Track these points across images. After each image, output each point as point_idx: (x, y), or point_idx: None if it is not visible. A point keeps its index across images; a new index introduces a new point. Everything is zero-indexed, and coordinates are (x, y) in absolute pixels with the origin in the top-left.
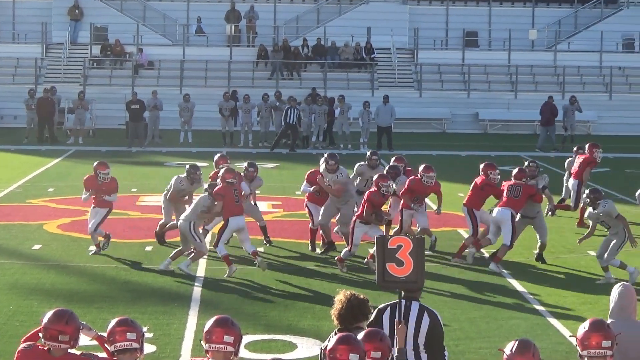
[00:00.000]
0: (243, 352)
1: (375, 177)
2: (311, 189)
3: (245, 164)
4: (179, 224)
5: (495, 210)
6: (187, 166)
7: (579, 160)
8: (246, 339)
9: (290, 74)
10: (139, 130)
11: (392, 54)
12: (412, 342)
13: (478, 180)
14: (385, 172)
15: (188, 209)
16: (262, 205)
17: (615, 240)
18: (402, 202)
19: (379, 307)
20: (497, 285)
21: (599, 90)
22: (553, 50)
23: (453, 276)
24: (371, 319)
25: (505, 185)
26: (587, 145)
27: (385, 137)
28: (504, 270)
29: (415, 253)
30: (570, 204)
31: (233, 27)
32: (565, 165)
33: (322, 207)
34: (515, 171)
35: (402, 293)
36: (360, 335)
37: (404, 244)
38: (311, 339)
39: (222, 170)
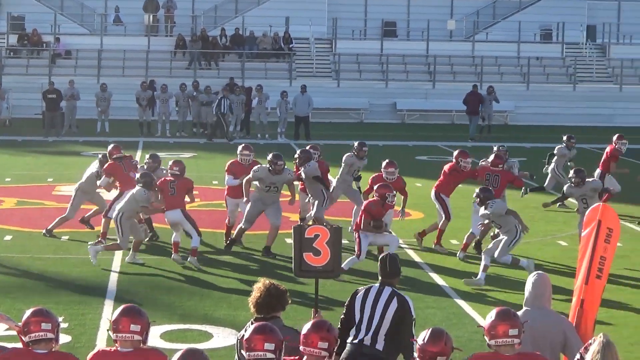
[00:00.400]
0: (159, 342)
1: (377, 187)
2: (236, 181)
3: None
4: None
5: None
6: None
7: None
8: (162, 328)
9: (208, 64)
10: (56, 119)
11: (311, 43)
12: (376, 325)
13: (447, 166)
14: (298, 159)
15: (123, 201)
16: None
17: (506, 238)
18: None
19: (356, 289)
20: (416, 276)
21: (517, 80)
22: (471, 41)
23: (367, 268)
24: (347, 301)
25: (479, 171)
26: (614, 137)
27: (302, 127)
28: (424, 262)
29: (332, 242)
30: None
31: (151, 16)
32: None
33: (250, 207)
34: (491, 158)
35: (380, 278)
36: (307, 325)
37: (321, 233)
38: (227, 328)
39: (109, 147)
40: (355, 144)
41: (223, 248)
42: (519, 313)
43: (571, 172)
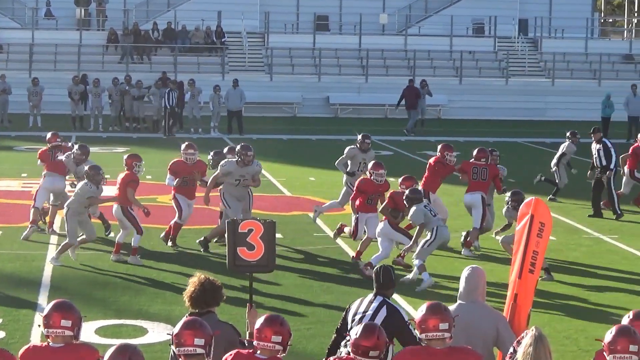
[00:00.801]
0: (93, 337)
1: (402, 179)
2: (175, 182)
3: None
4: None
5: (465, 196)
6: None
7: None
8: (96, 324)
9: (141, 58)
10: None
11: (243, 37)
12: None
13: (432, 160)
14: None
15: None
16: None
17: (425, 239)
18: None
19: (350, 303)
20: (352, 271)
21: (449, 74)
22: (404, 35)
23: (301, 266)
24: (342, 317)
25: (467, 166)
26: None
27: (235, 121)
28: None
29: (266, 237)
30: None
31: (83, 10)
32: (565, 150)
33: (230, 208)
34: (475, 152)
35: (374, 289)
36: (260, 320)
37: (254, 228)
38: (162, 323)
39: (48, 135)
40: (359, 136)
41: (171, 246)
42: (452, 307)
43: (508, 194)
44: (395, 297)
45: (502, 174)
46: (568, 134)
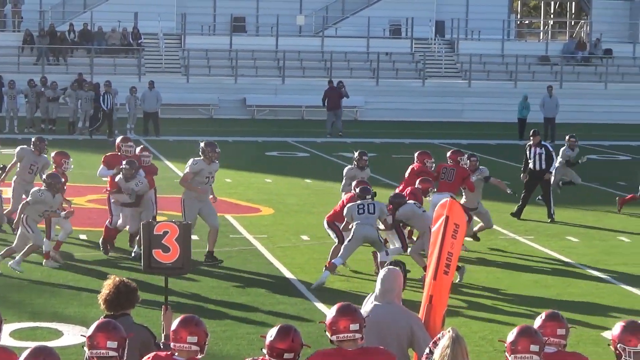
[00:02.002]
0: (8, 340)
1: (420, 181)
2: (111, 172)
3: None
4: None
5: (434, 196)
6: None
7: None
8: (11, 327)
9: (57, 60)
10: None
11: (160, 39)
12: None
13: (415, 167)
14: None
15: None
16: None
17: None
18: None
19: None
20: (268, 272)
21: (366, 75)
22: (320, 36)
23: (218, 268)
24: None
25: (439, 167)
26: None
27: (151, 123)
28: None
29: (182, 239)
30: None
31: None
32: (560, 155)
33: (187, 210)
34: (449, 153)
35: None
36: (176, 321)
37: (170, 230)
38: (77, 326)
39: None
40: (356, 153)
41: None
42: (367, 308)
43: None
44: (312, 299)
45: (482, 175)
46: (567, 137)
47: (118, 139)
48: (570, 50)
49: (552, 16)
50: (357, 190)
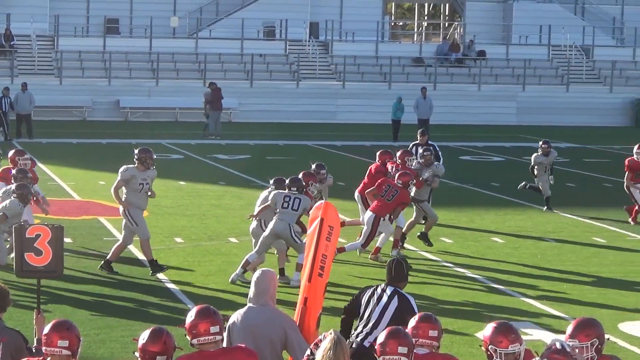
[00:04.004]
0: None
1: (399, 175)
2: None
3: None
4: None
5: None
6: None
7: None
8: None
9: None
10: None
11: (32, 41)
12: (374, 322)
13: (373, 167)
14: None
15: None
16: None
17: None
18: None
19: (362, 289)
20: (142, 275)
21: (240, 77)
22: (194, 38)
23: (91, 270)
24: (352, 298)
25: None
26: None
27: (24, 125)
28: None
29: (54, 242)
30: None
31: None
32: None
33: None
34: (399, 153)
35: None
36: (48, 325)
37: (42, 233)
38: None
39: None
40: (313, 166)
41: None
42: (242, 311)
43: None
44: (186, 301)
45: (438, 172)
46: (540, 143)
47: (11, 152)
48: (444, 51)
49: (425, 18)
50: (287, 180)
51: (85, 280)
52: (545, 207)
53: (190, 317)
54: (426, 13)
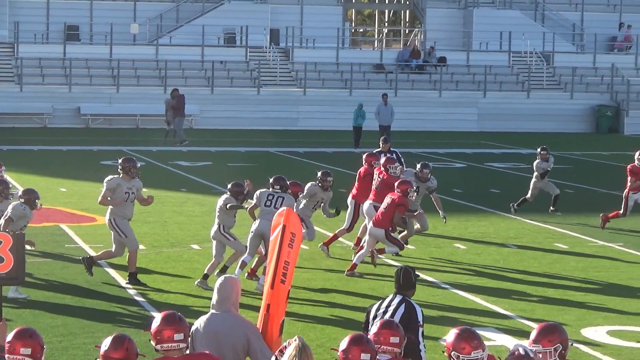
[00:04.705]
0: None
1: (398, 183)
2: None
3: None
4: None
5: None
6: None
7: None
8: None
9: None
10: None
11: None
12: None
13: (362, 170)
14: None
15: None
16: None
17: None
18: None
19: (373, 303)
20: (104, 281)
21: (201, 84)
22: (155, 45)
23: (53, 277)
24: (365, 315)
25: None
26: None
27: None
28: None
29: (16, 249)
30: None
31: None
32: (535, 168)
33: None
34: (382, 160)
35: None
36: (10, 333)
37: (3, 240)
38: None
39: None
40: (319, 173)
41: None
42: (205, 317)
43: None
44: (150, 308)
45: (431, 187)
46: (538, 150)
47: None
48: (404, 58)
49: (386, 24)
50: (271, 179)
51: (47, 287)
52: (552, 208)
53: (156, 322)
54: (386, 20)
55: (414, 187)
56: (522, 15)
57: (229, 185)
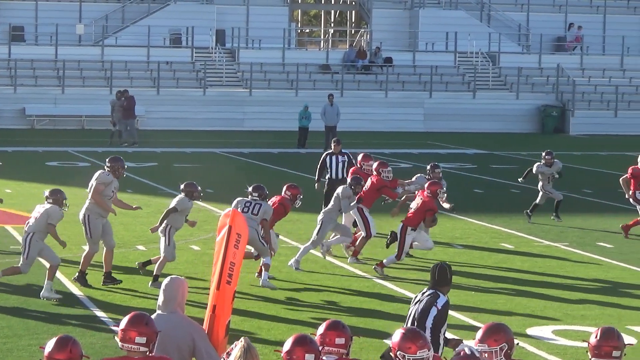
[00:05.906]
0: None
1: (428, 184)
2: None
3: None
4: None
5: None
6: None
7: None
8: None
9: None
10: None
11: None
12: (411, 321)
13: (352, 170)
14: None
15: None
16: None
17: None
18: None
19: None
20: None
21: (147, 85)
22: (100, 45)
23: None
24: None
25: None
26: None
27: None
28: None
29: None
30: None
31: None
32: (534, 170)
33: (94, 227)
34: (375, 163)
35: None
36: (124, 320)
37: None
38: None
39: None
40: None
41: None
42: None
43: None
44: (98, 312)
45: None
46: (543, 154)
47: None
48: (350, 58)
49: (332, 25)
50: (250, 187)
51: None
52: (554, 215)
53: (123, 321)
54: (332, 20)
55: (444, 189)
56: (467, 15)
57: (182, 186)
